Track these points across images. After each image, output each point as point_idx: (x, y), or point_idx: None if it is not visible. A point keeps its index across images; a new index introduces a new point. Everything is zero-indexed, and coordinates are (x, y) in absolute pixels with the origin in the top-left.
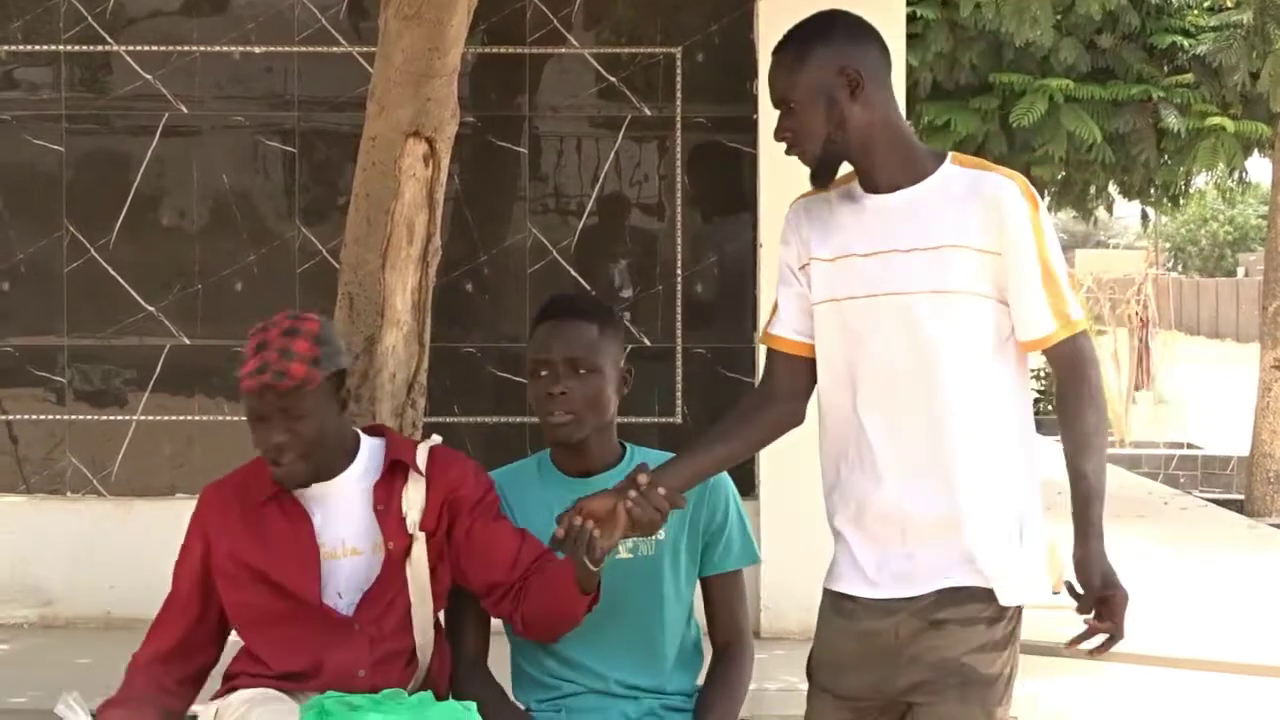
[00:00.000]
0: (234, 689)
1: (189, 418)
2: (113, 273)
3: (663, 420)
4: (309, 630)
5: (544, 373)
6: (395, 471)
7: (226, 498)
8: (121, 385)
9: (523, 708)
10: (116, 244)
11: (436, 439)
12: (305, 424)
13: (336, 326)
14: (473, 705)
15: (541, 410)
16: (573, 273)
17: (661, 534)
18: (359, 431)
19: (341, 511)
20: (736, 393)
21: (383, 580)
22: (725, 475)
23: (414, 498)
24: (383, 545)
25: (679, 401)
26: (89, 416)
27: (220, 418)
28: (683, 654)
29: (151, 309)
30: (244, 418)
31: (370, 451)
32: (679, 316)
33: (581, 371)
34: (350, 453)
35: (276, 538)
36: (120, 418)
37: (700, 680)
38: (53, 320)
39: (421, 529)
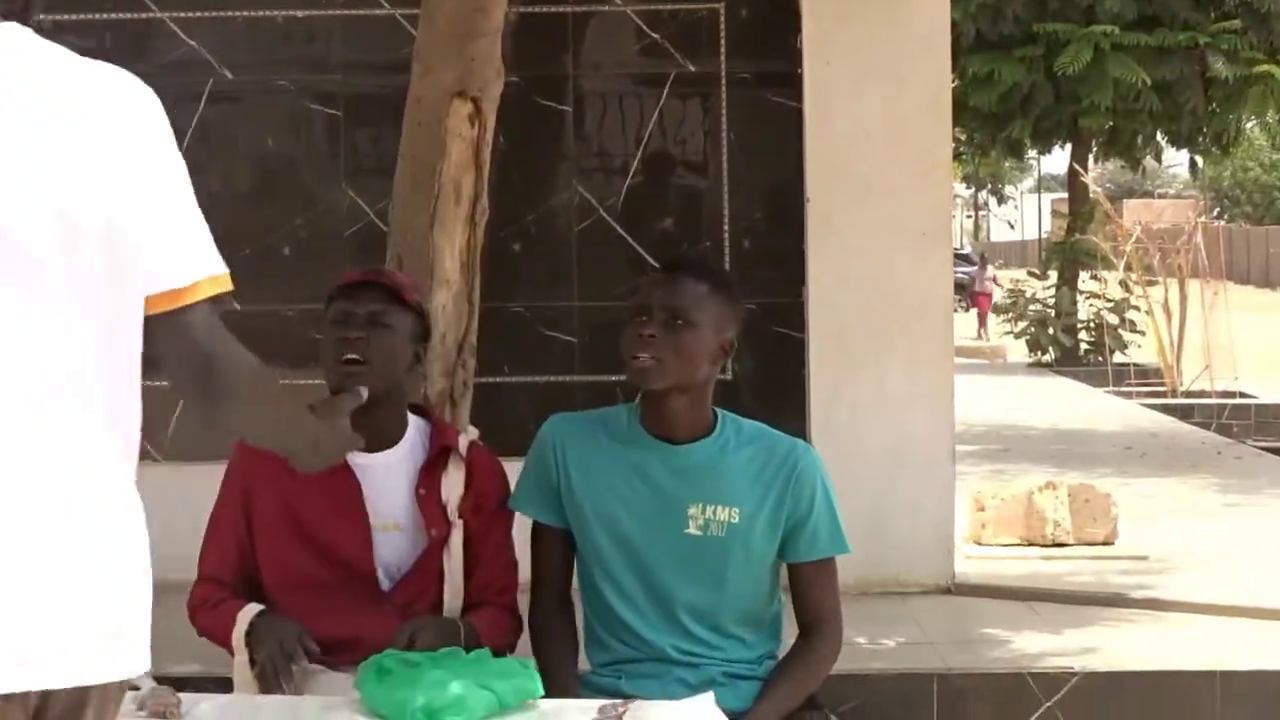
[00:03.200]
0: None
1: None
2: None
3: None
4: (347, 600)
5: (641, 318)
6: (440, 456)
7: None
8: None
9: (588, 668)
10: None
11: (473, 431)
12: (387, 337)
13: None
14: (530, 662)
15: (627, 353)
16: (619, 230)
17: (735, 516)
18: (410, 416)
19: (386, 485)
20: (786, 348)
21: (422, 563)
22: (815, 462)
23: (455, 484)
24: (424, 528)
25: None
26: (144, 382)
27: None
28: (750, 627)
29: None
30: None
31: (416, 431)
32: (727, 257)
33: (678, 323)
34: (400, 427)
35: (325, 500)
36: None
37: (775, 650)
38: None
39: (460, 517)
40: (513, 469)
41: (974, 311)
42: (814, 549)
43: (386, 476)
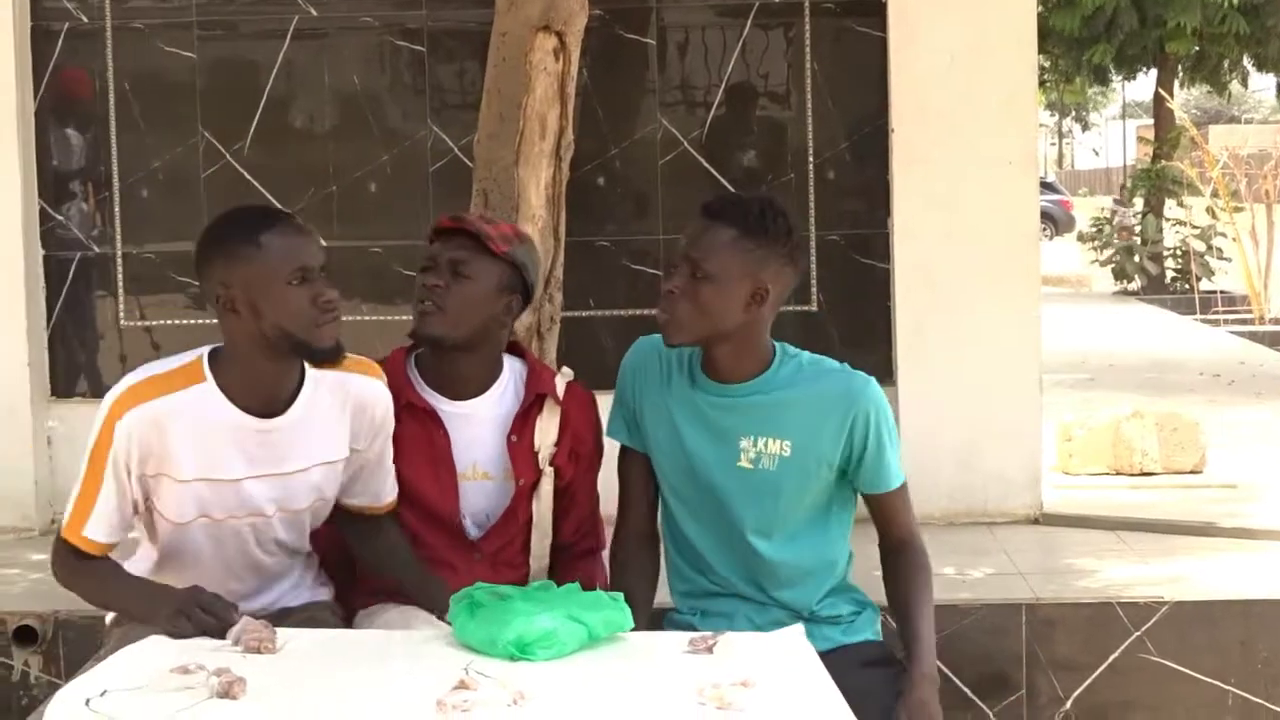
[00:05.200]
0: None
1: None
2: (248, 177)
3: (799, 309)
4: (438, 546)
5: (672, 268)
6: (534, 402)
7: None
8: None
9: (671, 604)
10: (251, 148)
11: (568, 373)
12: (466, 288)
13: None
14: (620, 595)
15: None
16: (703, 164)
17: (786, 449)
18: (506, 357)
19: (476, 433)
20: (871, 280)
21: (510, 512)
22: (872, 394)
23: (548, 431)
24: (513, 476)
25: (814, 289)
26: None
27: (361, 318)
28: (809, 570)
29: (288, 212)
30: (388, 317)
31: (512, 376)
32: (812, 204)
33: (698, 275)
34: (493, 373)
35: (413, 449)
36: None
37: (825, 593)
38: (191, 225)
39: (552, 464)
40: (600, 403)
41: (1057, 240)
42: (877, 480)
43: (476, 424)
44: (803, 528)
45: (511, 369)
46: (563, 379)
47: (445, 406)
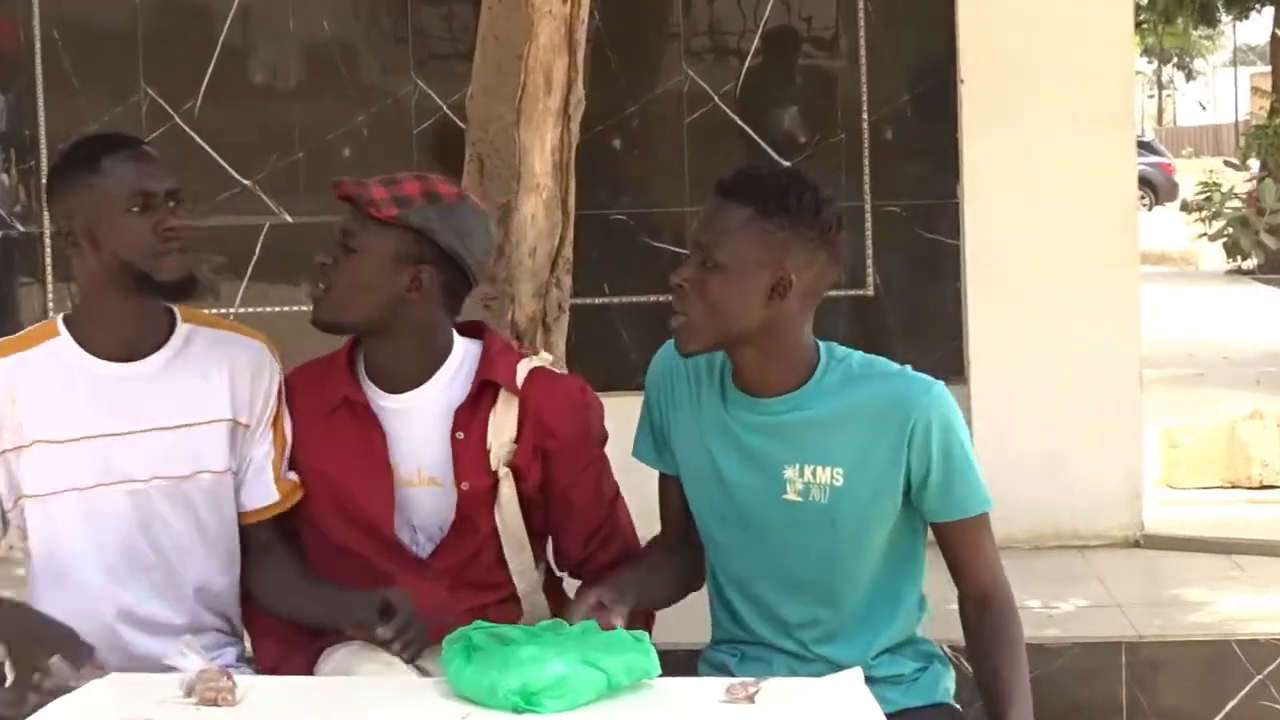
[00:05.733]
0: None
1: (294, 308)
2: (199, 141)
3: (852, 293)
4: (389, 567)
5: (688, 256)
6: (485, 392)
7: (303, 387)
8: (214, 273)
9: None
10: (203, 108)
11: (545, 357)
12: (352, 263)
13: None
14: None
15: None
16: (737, 122)
17: (839, 477)
18: (455, 334)
19: (419, 432)
20: (937, 258)
21: (459, 524)
22: (937, 401)
23: (502, 427)
24: (456, 481)
25: (869, 270)
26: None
27: None
28: (871, 615)
29: (247, 182)
30: None
31: (462, 359)
32: (866, 168)
33: (708, 264)
34: (438, 358)
35: (347, 449)
36: (214, 308)
37: (885, 646)
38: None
39: (510, 465)
40: (616, 406)
41: (1157, 210)
42: (948, 506)
43: (418, 421)
44: (863, 571)
45: (465, 353)
46: (527, 364)
47: (382, 401)
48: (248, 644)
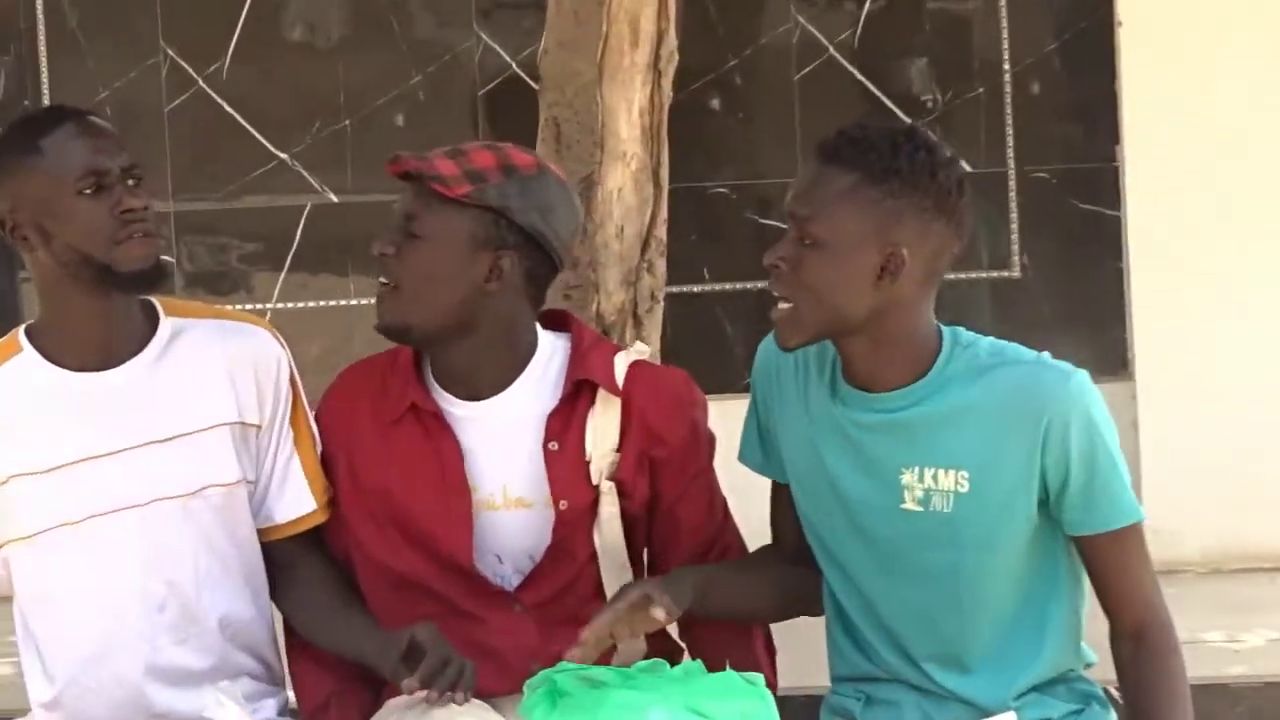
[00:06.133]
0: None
1: (342, 303)
2: (228, 110)
3: (994, 275)
4: (456, 603)
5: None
6: (580, 394)
7: (358, 390)
8: (246, 263)
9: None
10: (231, 70)
11: (641, 349)
12: (420, 251)
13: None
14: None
15: None
16: (856, 76)
17: (964, 482)
18: (539, 329)
19: (503, 443)
20: (1095, 233)
21: (555, 551)
22: (1078, 394)
23: (604, 433)
24: (552, 500)
25: (1014, 247)
26: (209, 303)
27: None
28: (1010, 646)
29: (284, 156)
30: None
31: (550, 357)
32: (1009, 129)
33: (806, 241)
34: (522, 358)
35: (414, 466)
36: (247, 306)
37: (1031, 683)
38: (151, 177)
39: (614, 479)
40: (719, 410)
41: None
42: (1090, 517)
43: (502, 431)
44: (996, 593)
45: (552, 350)
46: (625, 358)
47: (456, 409)
48: (290, 692)
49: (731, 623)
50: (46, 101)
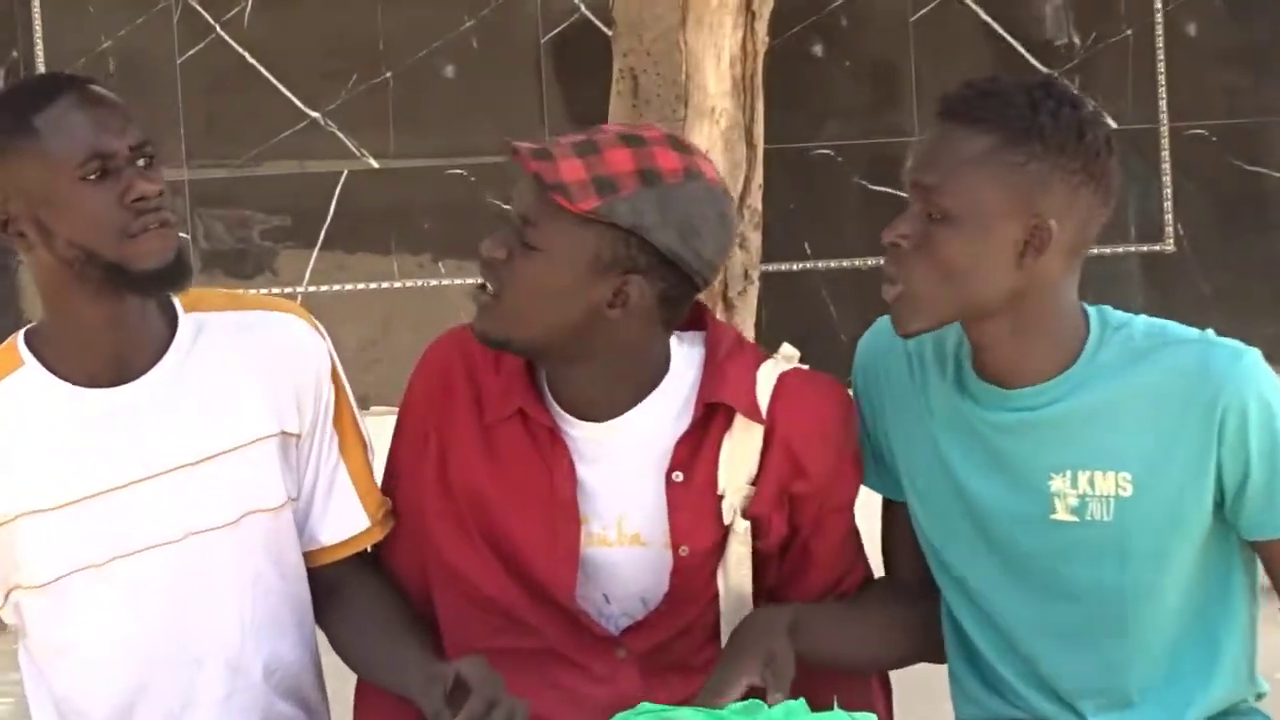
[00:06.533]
0: None
1: (383, 285)
2: (250, 60)
3: (1144, 249)
4: (552, 644)
5: (906, 204)
6: (715, 416)
7: (455, 371)
8: (272, 240)
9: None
10: (254, 16)
11: (789, 355)
12: (533, 265)
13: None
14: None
15: None
16: (983, 17)
17: (1126, 484)
18: (675, 338)
19: (622, 470)
20: (1260, 195)
21: (674, 597)
22: (1254, 378)
23: (740, 463)
24: (670, 541)
25: (1168, 216)
26: (229, 289)
27: (436, 282)
28: (1178, 676)
29: (315, 115)
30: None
31: (683, 372)
32: (1161, 79)
33: (934, 215)
34: (648, 381)
35: (516, 478)
36: (273, 290)
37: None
38: (164, 136)
39: (748, 516)
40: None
41: None
42: (1273, 519)
43: (620, 455)
44: (1163, 613)
45: (685, 362)
46: (771, 371)
47: (570, 428)
48: None
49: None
50: (39, 52)
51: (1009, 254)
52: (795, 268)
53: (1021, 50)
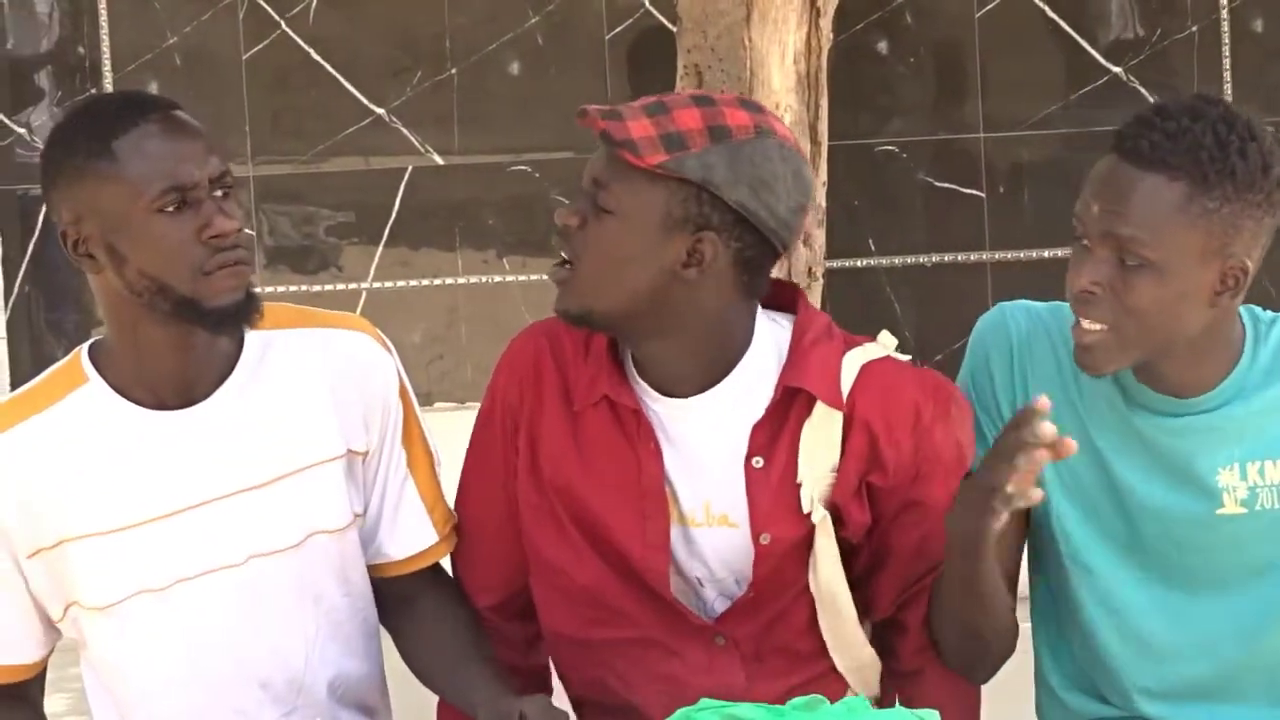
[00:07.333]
0: None
1: (448, 281)
2: (315, 57)
3: None
4: (646, 631)
5: (1083, 241)
6: (795, 400)
7: (539, 362)
8: (336, 236)
9: None
10: (320, 13)
11: (887, 342)
12: (605, 229)
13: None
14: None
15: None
16: (1047, 12)
17: None
18: (760, 311)
19: (706, 451)
20: None
21: (760, 585)
22: None
23: (820, 450)
24: (752, 531)
25: None
26: (291, 287)
27: (500, 279)
28: None
29: (380, 111)
30: (543, 276)
31: (767, 351)
32: (1227, 76)
33: (1128, 262)
34: (732, 355)
35: (605, 465)
36: (338, 286)
37: None
38: (229, 135)
39: (829, 505)
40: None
41: None
42: None
43: (704, 436)
44: None
45: (770, 341)
46: (858, 357)
47: (655, 405)
48: None
49: (926, 666)
50: (105, 49)
51: (1206, 295)
52: (859, 264)
53: (1086, 46)
